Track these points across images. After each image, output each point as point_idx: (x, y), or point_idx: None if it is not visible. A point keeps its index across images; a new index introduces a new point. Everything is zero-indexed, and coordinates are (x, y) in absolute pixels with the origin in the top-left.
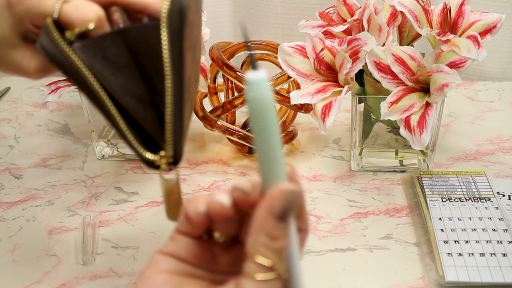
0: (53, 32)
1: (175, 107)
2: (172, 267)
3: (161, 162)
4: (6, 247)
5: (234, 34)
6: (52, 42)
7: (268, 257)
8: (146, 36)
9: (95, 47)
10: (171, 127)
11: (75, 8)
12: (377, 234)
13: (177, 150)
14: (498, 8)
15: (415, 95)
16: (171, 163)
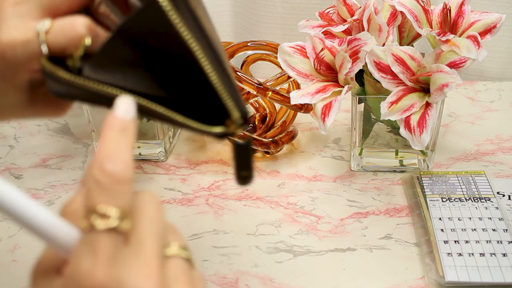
0: (58, 72)
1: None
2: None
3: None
4: (6, 247)
5: (234, 34)
6: (63, 83)
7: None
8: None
9: (105, 61)
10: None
11: (61, 31)
12: (377, 234)
13: (242, 109)
14: (498, 8)
15: (415, 95)
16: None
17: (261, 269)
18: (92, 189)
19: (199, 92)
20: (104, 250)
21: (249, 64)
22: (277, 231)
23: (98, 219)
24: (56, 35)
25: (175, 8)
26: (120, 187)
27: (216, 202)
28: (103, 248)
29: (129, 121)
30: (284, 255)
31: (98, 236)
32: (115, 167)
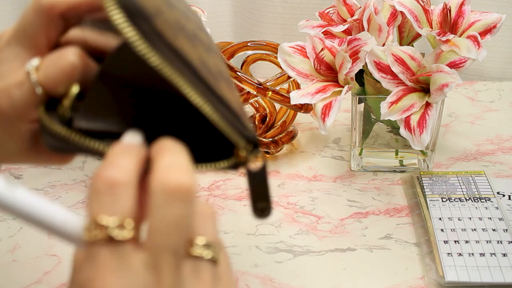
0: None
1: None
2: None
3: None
4: (6, 247)
5: (234, 34)
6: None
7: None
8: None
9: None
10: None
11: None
12: (377, 234)
13: (246, 135)
14: (498, 8)
15: (415, 95)
16: (252, 150)
17: (261, 269)
18: (90, 199)
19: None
20: (104, 263)
21: (249, 64)
22: (277, 231)
23: (97, 231)
24: (47, 69)
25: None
26: (117, 192)
27: (216, 202)
28: (104, 260)
29: (135, 144)
30: (284, 255)
31: (98, 248)
32: (111, 172)
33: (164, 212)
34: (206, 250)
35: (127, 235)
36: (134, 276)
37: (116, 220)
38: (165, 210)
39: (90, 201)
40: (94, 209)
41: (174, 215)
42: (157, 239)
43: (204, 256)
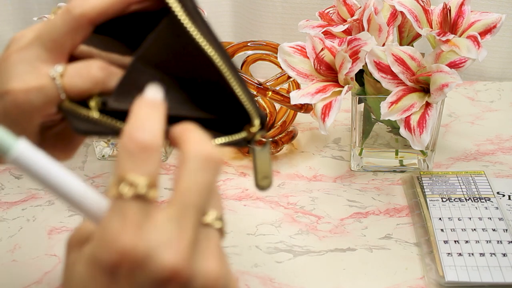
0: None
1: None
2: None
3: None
4: (6, 247)
5: (234, 34)
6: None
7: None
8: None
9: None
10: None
11: (77, 75)
12: (377, 234)
13: (262, 115)
14: (498, 8)
15: (415, 95)
16: (260, 129)
17: (261, 269)
18: (121, 158)
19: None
20: (132, 216)
21: (249, 64)
22: (277, 231)
23: (126, 187)
24: (72, 79)
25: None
26: (149, 155)
27: None
28: (131, 214)
29: (159, 100)
30: (284, 255)
31: (126, 203)
32: (144, 135)
33: (198, 175)
34: (217, 220)
35: (154, 195)
36: (159, 229)
37: (146, 180)
38: (199, 174)
39: (121, 159)
40: (125, 168)
41: (205, 179)
42: (187, 197)
43: (215, 226)
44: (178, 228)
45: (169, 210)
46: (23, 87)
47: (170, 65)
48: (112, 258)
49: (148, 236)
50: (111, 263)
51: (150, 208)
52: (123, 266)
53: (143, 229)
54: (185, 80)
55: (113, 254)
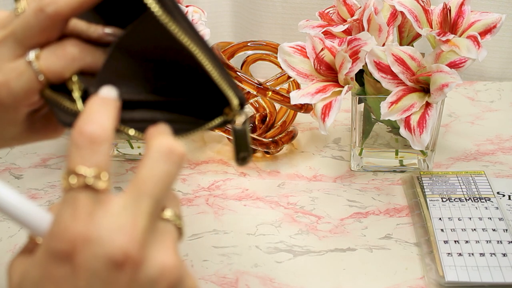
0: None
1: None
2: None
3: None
4: (6, 247)
5: (234, 34)
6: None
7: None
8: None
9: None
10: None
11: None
12: (377, 234)
13: (240, 96)
14: (498, 8)
15: (415, 95)
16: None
17: (261, 269)
18: (71, 151)
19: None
20: (83, 205)
21: (249, 64)
22: (277, 231)
23: (74, 179)
24: (47, 59)
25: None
26: (97, 147)
27: (216, 202)
28: (81, 203)
29: (111, 98)
30: (284, 255)
31: (76, 193)
32: (92, 127)
33: (158, 166)
34: (176, 218)
35: (103, 185)
36: (112, 216)
37: (93, 171)
38: (159, 165)
39: (71, 153)
40: (74, 161)
41: (165, 170)
42: (143, 186)
43: (174, 221)
44: (132, 215)
45: (124, 198)
46: (2, 80)
47: (148, 54)
48: (66, 246)
49: (100, 223)
50: (65, 251)
51: (101, 197)
52: (77, 252)
53: (94, 217)
54: (163, 68)
55: (66, 241)
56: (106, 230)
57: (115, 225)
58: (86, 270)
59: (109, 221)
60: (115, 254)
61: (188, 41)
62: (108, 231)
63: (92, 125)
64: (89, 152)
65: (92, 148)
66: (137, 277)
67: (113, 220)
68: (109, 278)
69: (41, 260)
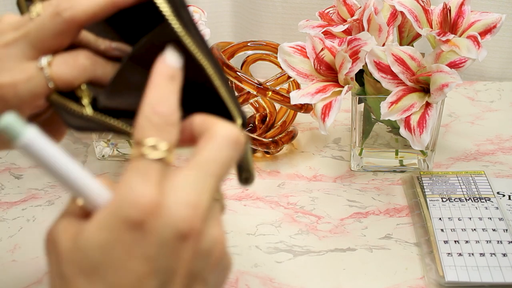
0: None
1: (224, 83)
2: None
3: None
4: (6, 247)
5: (234, 34)
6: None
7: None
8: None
9: (117, 89)
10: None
11: (64, 63)
12: (377, 234)
13: (243, 116)
14: (498, 8)
15: (415, 95)
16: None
17: (261, 269)
18: (144, 126)
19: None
20: (154, 175)
21: (249, 64)
22: (277, 231)
23: (149, 149)
24: (59, 67)
25: (186, 29)
26: (170, 126)
27: None
28: (153, 173)
29: (177, 69)
30: (284, 255)
31: (149, 163)
32: (164, 110)
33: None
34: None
35: (172, 158)
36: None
37: (166, 145)
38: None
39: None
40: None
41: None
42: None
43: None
44: (198, 192)
45: (189, 174)
46: (11, 81)
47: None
48: (139, 213)
49: (170, 194)
50: (138, 217)
51: (168, 170)
52: (149, 219)
53: (165, 188)
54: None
55: (140, 209)
56: (175, 203)
57: (183, 199)
58: (156, 237)
59: (178, 194)
60: (183, 226)
61: (201, 56)
62: (177, 204)
63: (164, 107)
64: (163, 129)
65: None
66: (198, 248)
67: (181, 194)
68: (175, 247)
69: (109, 224)
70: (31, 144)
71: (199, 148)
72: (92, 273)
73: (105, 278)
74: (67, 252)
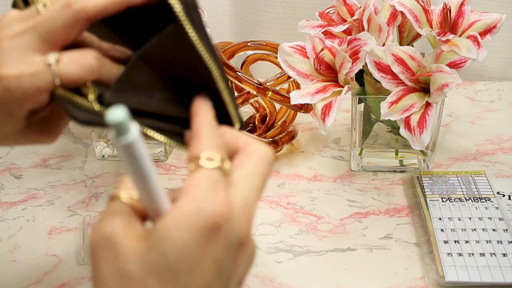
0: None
1: (227, 87)
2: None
3: None
4: (6, 247)
5: (234, 34)
6: (90, 112)
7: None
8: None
9: (124, 87)
10: (232, 106)
11: (72, 62)
12: (377, 234)
13: (241, 120)
14: (498, 8)
15: (415, 95)
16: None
17: (261, 269)
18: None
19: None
20: (220, 184)
21: (249, 64)
22: (277, 231)
23: (210, 161)
24: (67, 66)
25: (198, 35)
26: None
27: None
28: (218, 182)
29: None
30: (284, 255)
31: (212, 173)
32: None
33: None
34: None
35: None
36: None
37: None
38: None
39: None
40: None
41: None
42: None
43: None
44: (251, 204)
45: (242, 186)
46: (16, 74)
47: (167, 68)
48: (218, 218)
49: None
50: (216, 222)
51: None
52: (222, 226)
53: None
54: (178, 84)
55: (218, 214)
56: (238, 212)
57: (243, 210)
58: (225, 242)
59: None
60: (243, 234)
61: (209, 59)
62: (239, 213)
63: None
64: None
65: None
66: (248, 254)
67: (242, 205)
68: (236, 252)
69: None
70: (135, 143)
71: (242, 163)
72: (166, 273)
73: (178, 278)
74: (135, 252)
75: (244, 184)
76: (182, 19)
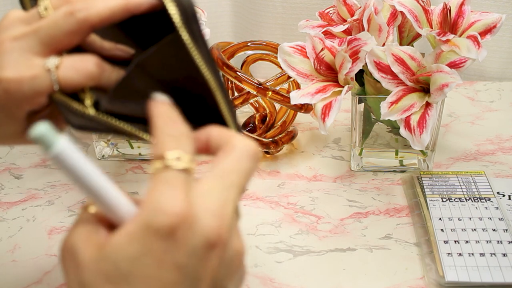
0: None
1: (225, 97)
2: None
3: None
4: (6, 247)
5: (234, 34)
6: (85, 118)
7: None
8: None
9: (121, 95)
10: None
11: (72, 68)
12: (377, 234)
13: (238, 126)
14: (498, 8)
15: (415, 95)
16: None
17: (261, 269)
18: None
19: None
20: (182, 185)
21: (249, 64)
22: (277, 231)
23: (174, 161)
24: (67, 72)
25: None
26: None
27: None
28: (181, 183)
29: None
30: (284, 255)
31: (175, 173)
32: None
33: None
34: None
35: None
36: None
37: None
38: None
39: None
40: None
41: (250, 167)
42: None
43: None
44: (223, 201)
45: (212, 184)
46: (16, 76)
47: (165, 77)
48: (170, 222)
49: (196, 203)
50: (169, 227)
51: (192, 179)
52: (179, 228)
53: (191, 197)
54: (176, 92)
55: (171, 217)
56: (203, 212)
57: (211, 209)
58: (186, 246)
59: (205, 204)
60: (211, 235)
61: (206, 71)
62: (205, 213)
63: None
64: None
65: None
66: (223, 256)
67: (208, 204)
68: (204, 256)
69: (140, 235)
70: (63, 154)
71: (220, 159)
72: (120, 282)
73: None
74: (91, 261)
75: (215, 181)
76: (180, 30)
